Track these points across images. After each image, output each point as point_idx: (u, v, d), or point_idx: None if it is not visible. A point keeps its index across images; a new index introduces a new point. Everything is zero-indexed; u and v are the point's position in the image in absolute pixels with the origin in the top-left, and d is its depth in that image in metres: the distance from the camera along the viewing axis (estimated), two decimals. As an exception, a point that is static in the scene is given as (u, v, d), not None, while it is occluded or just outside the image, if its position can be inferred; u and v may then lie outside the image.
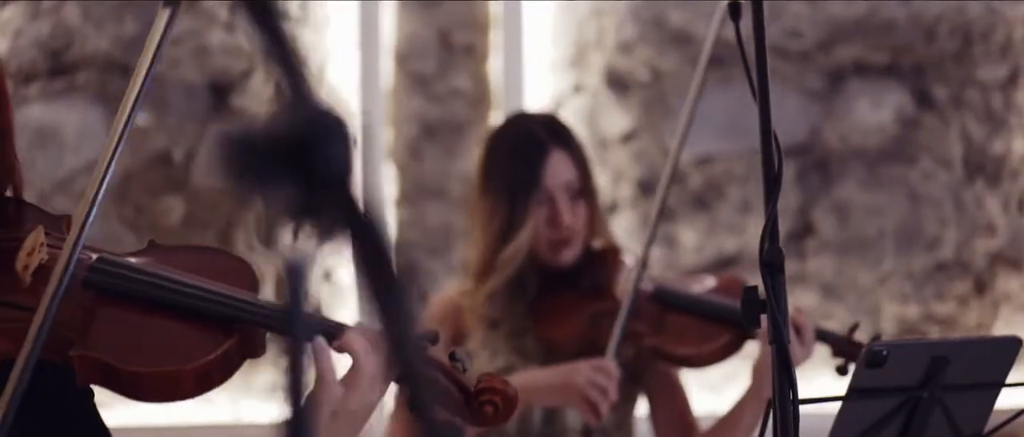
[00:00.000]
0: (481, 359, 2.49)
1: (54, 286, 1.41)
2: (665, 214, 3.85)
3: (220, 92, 3.72)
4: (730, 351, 2.44)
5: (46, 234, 1.50)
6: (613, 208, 3.83)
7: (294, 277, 0.82)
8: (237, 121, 3.74)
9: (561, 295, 2.49)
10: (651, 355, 2.43)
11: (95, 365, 1.40)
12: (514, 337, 2.50)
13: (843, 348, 2.45)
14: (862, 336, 2.58)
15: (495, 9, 3.77)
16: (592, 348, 2.42)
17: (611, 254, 2.53)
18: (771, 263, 1.83)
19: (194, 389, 1.45)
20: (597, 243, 2.53)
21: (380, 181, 3.72)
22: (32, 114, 3.64)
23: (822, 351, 2.57)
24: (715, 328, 2.42)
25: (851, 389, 2.17)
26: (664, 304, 2.46)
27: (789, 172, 3.88)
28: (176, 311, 1.48)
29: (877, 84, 3.88)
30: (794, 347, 2.35)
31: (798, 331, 2.39)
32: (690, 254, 3.85)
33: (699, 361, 2.45)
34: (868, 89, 3.89)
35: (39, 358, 1.41)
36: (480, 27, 3.78)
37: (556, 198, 2.45)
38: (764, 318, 1.73)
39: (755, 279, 2.41)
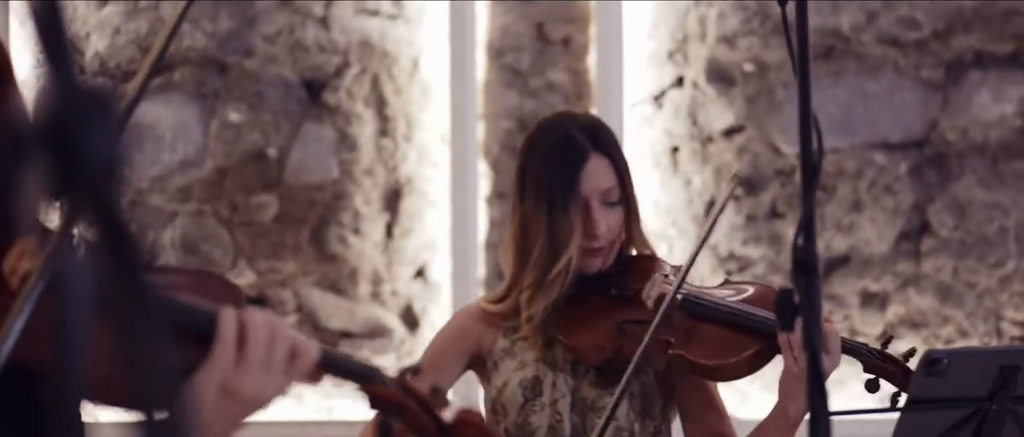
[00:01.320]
0: (507, 368, 2.41)
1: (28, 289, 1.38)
2: (772, 213, 3.70)
3: (314, 89, 3.70)
4: (759, 363, 2.29)
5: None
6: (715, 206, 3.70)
7: (64, 281, 0.75)
8: (330, 119, 3.72)
9: (589, 302, 2.38)
10: (678, 365, 2.30)
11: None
12: (542, 347, 2.40)
13: (875, 362, 2.26)
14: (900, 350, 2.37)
15: (593, 1, 3.67)
16: (617, 358, 2.31)
17: (646, 262, 2.41)
18: (805, 263, 1.68)
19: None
20: (634, 251, 2.41)
21: (473, 179, 3.66)
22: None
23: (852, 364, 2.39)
24: (744, 339, 2.28)
25: (910, 400, 2.02)
26: (693, 314, 2.33)
27: (904, 168, 3.69)
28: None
29: (998, 75, 3.67)
30: (798, 365, 2.20)
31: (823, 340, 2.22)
32: (796, 253, 3.69)
33: (725, 373, 2.30)
34: (989, 80, 3.68)
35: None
36: (577, 20, 3.69)
37: (591, 205, 2.35)
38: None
39: (869, 282, 2.28)
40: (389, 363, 3.68)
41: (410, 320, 3.69)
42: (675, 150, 3.69)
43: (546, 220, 2.34)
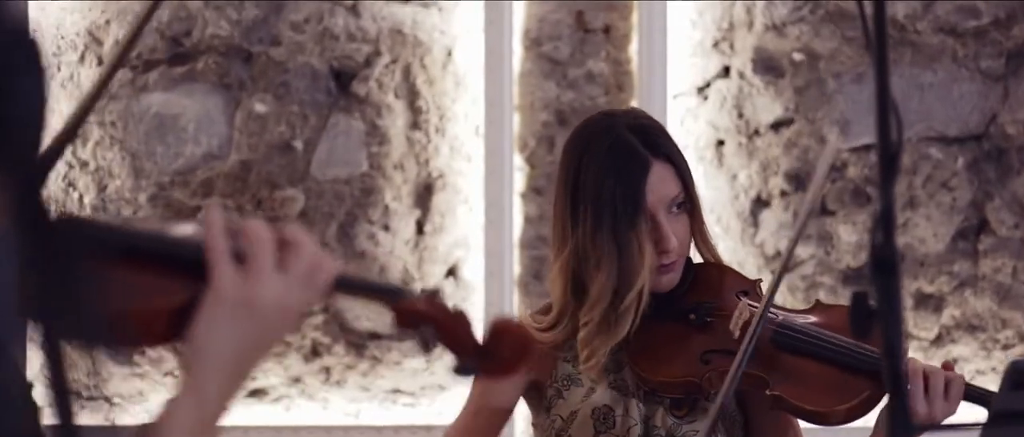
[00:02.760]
0: (576, 396, 2.19)
1: None
2: (822, 209, 3.53)
3: (343, 79, 3.56)
4: (872, 406, 2.07)
5: None
6: (762, 202, 3.54)
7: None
8: (360, 110, 3.58)
9: (664, 328, 2.15)
10: (777, 407, 2.09)
11: None
12: (609, 371, 2.18)
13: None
14: None
15: (634, -13, 3.52)
16: (699, 391, 2.11)
17: (715, 273, 2.19)
18: (885, 262, 1.49)
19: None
20: (698, 259, 2.20)
21: (508, 173, 3.51)
22: (152, 102, 3.55)
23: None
24: (853, 380, 2.06)
25: (994, 413, 1.86)
26: (789, 349, 2.10)
27: (961, 163, 3.52)
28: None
29: (1062, 65, 3.50)
30: (921, 402, 2.02)
31: (945, 385, 2.01)
32: (847, 255, 3.52)
33: (835, 419, 2.06)
34: (1052, 71, 3.51)
35: None
36: (619, 7, 3.54)
37: (659, 218, 2.12)
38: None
39: (924, 283, 2.09)
40: (420, 367, 3.54)
41: (442, 321, 3.54)
42: (720, 144, 3.54)
43: (611, 244, 2.11)
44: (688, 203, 2.16)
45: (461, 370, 1.36)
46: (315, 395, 3.52)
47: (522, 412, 2.43)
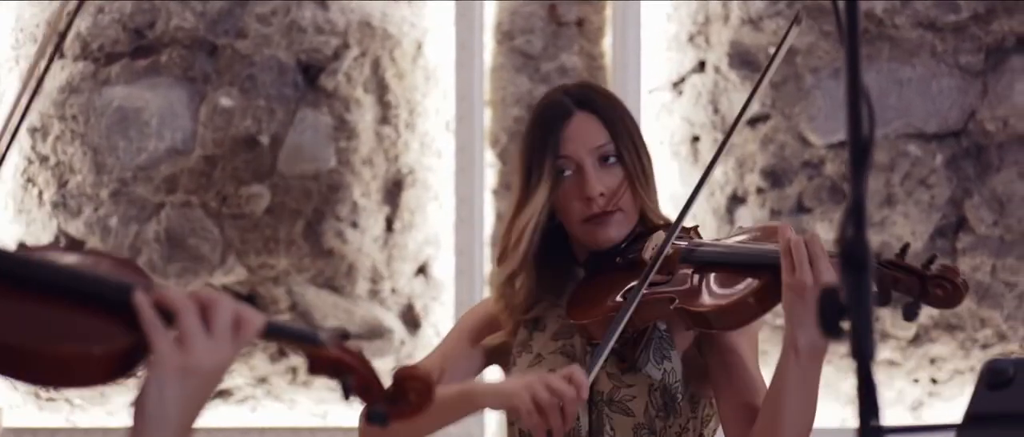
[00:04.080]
0: (524, 362, 2.18)
1: None
2: (799, 207, 3.49)
3: (311, 72, 3.49)
4: (766, 298, 2.00)
5: None
6: (737, 199, 3.48)
7: None
8: (328, 104, 3.51)
9: (598, 278, 2.15)
10: (683, 324, 2.05)
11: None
12: (559, 337, 2.17)
13: (887, 275, 1.93)
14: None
15: (608, -20, 3.47)
16: (627, 333, 2.07)
17: (660, 228, 2.16)
18: (855, 257, 1.43)
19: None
20: (651, 218, 2.17)
21: (479, 170, 3.44)
22: (114, 95, 3.47)
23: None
24: (745, 276, 2.01)
25: (969, 415, 1.80)
26: (695, 263, 2.06)
27: (940, 159, 3.47)
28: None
29: (1042, 61, 3.47)
30: (809, 273, 1.92)
31: (811, 260, 1.94)
32: (824, 251, 3.47)
33: (726, 317, 1.98)
34: (1032, 66, 3.47)
35: None
36: (593, 0, 3.48)
37: (585, 167, 2.12)
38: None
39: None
40: (386, 368, 3.47)
41: (411, 320, 3.48)
42: (695, 139, 3.49)
43: (522, 188, 2.14)
44: (622, 158, 2.14)
45: (371, 416, 1.45)
46: (281, 396, 3.45)
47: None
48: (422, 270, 3.48)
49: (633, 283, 2.07)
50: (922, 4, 3.47)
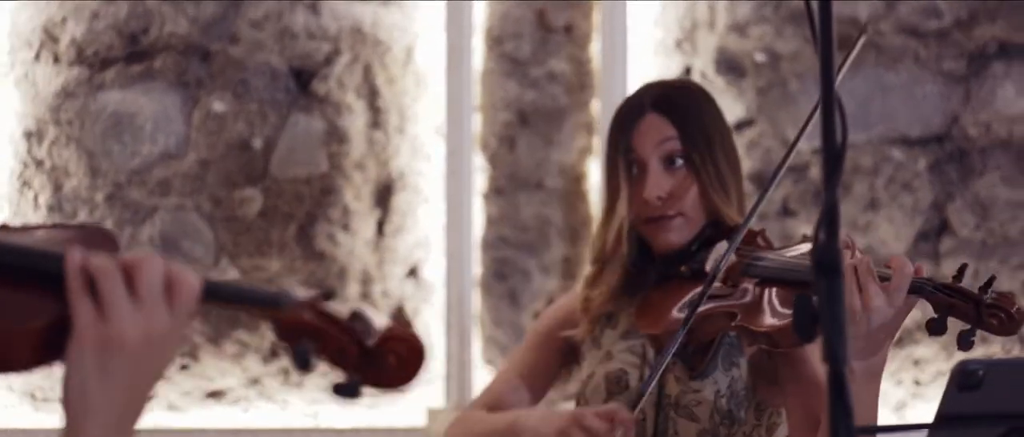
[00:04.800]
0: (594, 359, 2.20)
1: None
2: (784, 211, 3.52)
3: (303, 78, 3.53)
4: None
5: None
6: (724, 203, 3.53)
7: None
8: (320, 108, 3.55)
9: (666, 285, 2.13)
10: (747, 341, 2.05)
11: None
12: (629, 336, 2.19)
13: (942, 299, 1.92)
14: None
15: (596, -14, 3.51)
16: (694, 342, 2.07)
17: (728, 230, 2.11)
18: (827, 262, 1.46)
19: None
20: (725, 222, 2.13)
21: (469, 173, 3.49)
22: (108, 100, 3.51)
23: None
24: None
25: (939, 416, 1.83)
26: (757, 278, 2.03)
27: (923, 164, 3.52)
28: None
29: (1023, 67, 3.51)
30: (858, 298, 1.89)
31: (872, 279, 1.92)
32: (809, 254, 3.52)
33: (784, 338, 1.97)
34: (1013, 72, 3.51)
35: None
36: (580, 6, 3.52)
37: (648, 167, 2.12)
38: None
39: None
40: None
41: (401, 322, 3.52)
42: (682, 144, 3.52)
43: (605, 189, 2.18)
44: (691, 160, 2.14)
45: (337, 389, 1.27)
46: (274, 396, 3.48)
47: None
48: (413, 272, 3.52)
49: (696, 292, 2.04)
50: (906, 10, 3.52)
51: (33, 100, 3.48)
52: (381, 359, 1.27)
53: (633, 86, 3.51)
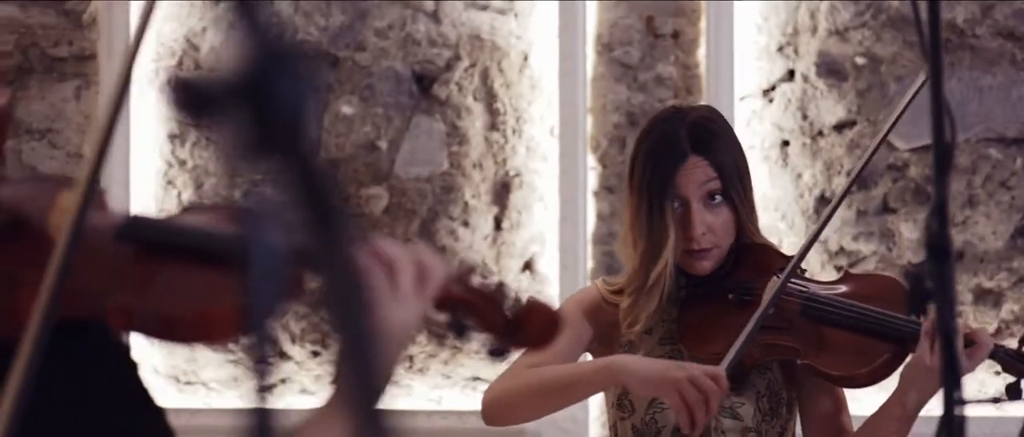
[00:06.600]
0: None
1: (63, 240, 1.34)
2: (884, 208, 3.65)
3: (425, 82, 3.73)
4: (894, 367, 2.25)
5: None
6: (825, 201, 3.67)
7: (254, 222, 0.77)
8: (437, 110, 3.74)
9: (708, 308, 2.33)
10: (808, 375, 2.27)
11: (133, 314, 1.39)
12: (666, 342, 2.38)
13: (1013, 364, 2.24)
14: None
15: (703, -6, 3.66)
16: (740, 365, 2.27)
17: (759, 253, 2.35)
18: (938, 247, 1.64)
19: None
20: (748, 242, 2.35)
21: (582, 172, 3.66)
22: (244, 104, 3.73)
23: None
24: (875, 344, 2.24)
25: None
26: (817, 319, 2.29)
27: (1020, 163, 3.63)
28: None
29: (1118, 68, 3.60)
30: (932, 358, 2.18)
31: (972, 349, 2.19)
32: (908, 251, 3.65)
33: (860, 381, 2.27)
34: (1108, 74, 3.60)
35: (71, 318, 1.36)
36: (687, 13, 3.68)
37: (691, 206, 2.31)
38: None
39: (983, 279, 2.22)
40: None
41: (519, 312, 3.69)
42: (785, 144, 3.67)
43: (645, 224, 2.32)
44: (729, 197, 2.33)
45: (494, 352, 1.42)
46: (399, 382, 3.67)
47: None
48: (528, 266, 3.70)
49: (751, 320, 2.23)
50: (1002, 14, 3.63)
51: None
52: (525, 326, 1.44)
53: (739, 89, 3.67)
